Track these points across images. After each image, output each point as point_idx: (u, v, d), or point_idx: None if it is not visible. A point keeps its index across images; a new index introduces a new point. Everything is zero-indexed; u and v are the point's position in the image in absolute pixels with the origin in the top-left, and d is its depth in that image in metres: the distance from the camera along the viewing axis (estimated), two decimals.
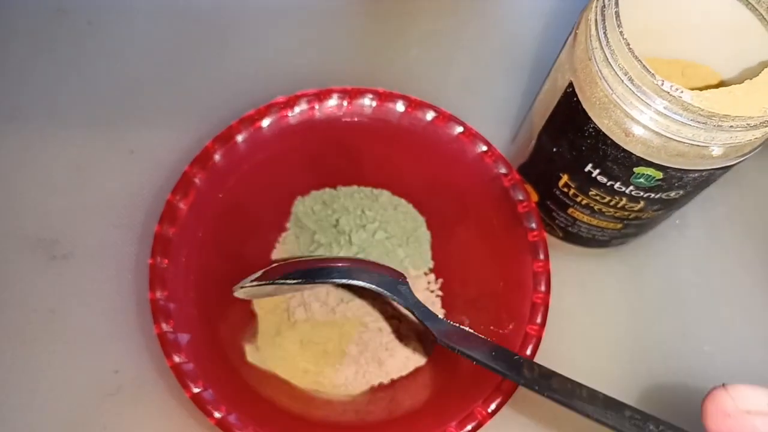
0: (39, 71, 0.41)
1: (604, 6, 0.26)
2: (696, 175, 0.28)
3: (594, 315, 0.37)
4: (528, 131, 0.34)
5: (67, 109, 0.40)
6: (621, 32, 0.25)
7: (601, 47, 0.26)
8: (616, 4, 0.26)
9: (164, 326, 0.30)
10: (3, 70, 0.41)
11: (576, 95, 0.28)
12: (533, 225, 0.33)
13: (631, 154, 0.27)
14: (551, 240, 0.36)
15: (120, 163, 0.39)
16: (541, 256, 0.33)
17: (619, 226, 0.33)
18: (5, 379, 0.34)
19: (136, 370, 0.35)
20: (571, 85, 0.28)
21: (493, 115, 0.40)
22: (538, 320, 0.32)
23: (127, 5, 0.43)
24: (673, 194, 0.29)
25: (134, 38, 0.43)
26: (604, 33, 0.26)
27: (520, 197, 0.33)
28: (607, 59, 0.26)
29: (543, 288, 0.32)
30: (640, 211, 0.31)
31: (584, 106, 0.28)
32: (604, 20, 0.26)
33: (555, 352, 0.34)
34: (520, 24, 0.44)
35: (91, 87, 0.41)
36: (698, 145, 0.26)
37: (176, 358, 0.30)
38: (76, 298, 0.36)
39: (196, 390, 0.29)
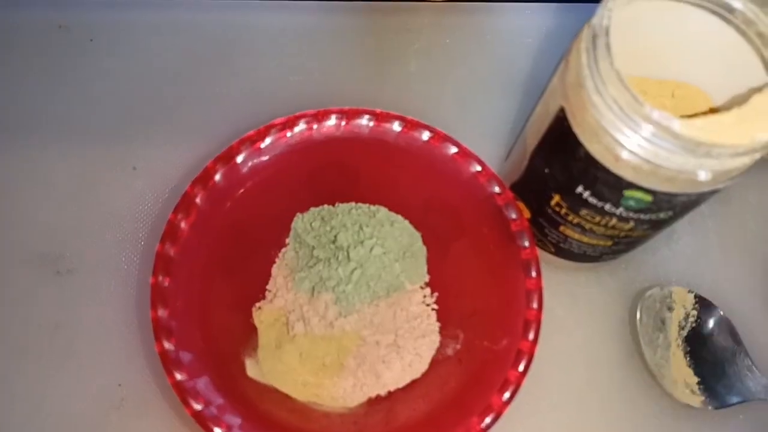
0: (41, 88, 0.42)
1: (595, 35, 0.27)
2: (685, 198, 0.28)
3: (585, 327, 0.38)
4: (521, 150, 0.35)
5: (69, 126, 0.41)
6: (611, 62, 0.26)
7: (592, 76, 0.27)
8: (607, 33, 0.26)
9: (166, 344, 0.31)
10: (5, 86, 0.42)
11: (567, 120, 0.29)
12: (526, 243, 0.34)
13: (621, 178, 0.28)
14: (542, 254, 0.37)
15: (123, 180, 0.40)
16: (534, 274, 0.33)
17: (610, 243, 0.34)
18: (10, 392, 0.35)
19: (139, 383, 0.36)
20: (562, 110, 0.29)
21: (488, 133, 0.41)
22: (531, 336, 0.32)
23: (128, 23, 0.44)
24: (662, 215, 0.30)
25: (136, 56, 0.43)
26: (595, 62, 0.26)
27: (514, 216, 0.34)
28: (598, 88, 0.26)
29: (535, 305, 0.33)
30: (630, 230, 0.32)
31: (575, 131, 0.28)
32: (595, 50, 0.27)
33: (547, 364, 0.35)
34: (516, 43, 0.44)
35: (93, 104, 0.42)
36: (687, 171, 0.26)
37: (178, 376, 0.31)
38: (79, 312, 0.37)
39: (197, 407, 0.30)
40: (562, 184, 0.31)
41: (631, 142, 0.26)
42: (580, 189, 0.30)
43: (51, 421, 0.35)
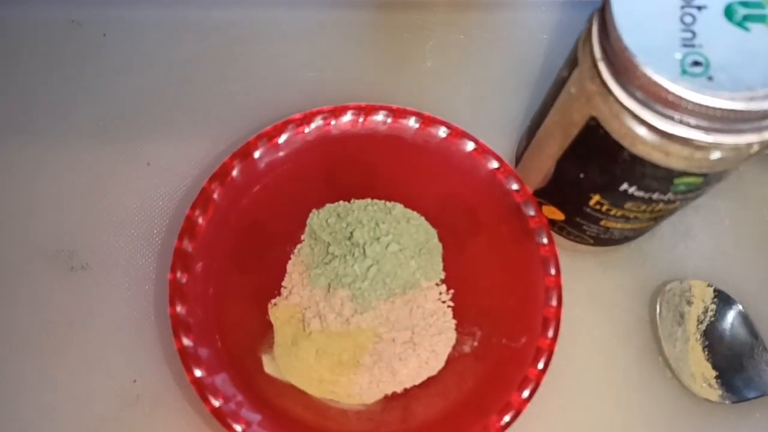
0: (55, 83, 0.42)
1: (622, 49, 0.24)
2: (734, 170, 0.28)
3: (603, 324, 0.38)
4: (539, 158, 0.34)
5: (83, 121, 0.41)
6: (645, 72, 0.24)
7: (621, 84, 0.25)
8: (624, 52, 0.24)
9: (185, 341, 0.31)
10: (19, 82, 0.42)
11: (602, 128, 0.27)
12: (545, 240, 0.34)
13: (672, 169, 0.27)
14: (569, 243, 0.37)
15: (137, 175, 0.40)
16: (553, 271, 0.33)
17: (652, 223, 0.34)
18: (24, 388, 0.35)
19: (154, 379, 0.36)
20: (593, 119, 0.28)
21: (504, 130, 0.41)
22: (550, 334, 0.32)
23: (142, 18, 0.44)
24: (709, 188, 0.29)
25: (150, 51, 0.43)
26: (625, 82, 0.25)
27: (532, 213, 0.34)
28: (636, 98, 0.25)
29: (554, 302, 0.33)
30: (674, 208, 0.31)
31: (615, 137, 0.27)
32: (624, 68, 0.25)
33: (564, 361, 0.35)
34: (532, 39, 0.44)
35: (106, 99, 0.42)
36: (741, 146, 0.25)
37: (197, 372, 0.31)
38: (94, 308, 0.37)
39: (216, 404, 0.30)
40: (602, 184, 0.30)
41: (682, 132, 0.25)
42: (624, 186, 0.29)
43: (65, 417, 0.35)
